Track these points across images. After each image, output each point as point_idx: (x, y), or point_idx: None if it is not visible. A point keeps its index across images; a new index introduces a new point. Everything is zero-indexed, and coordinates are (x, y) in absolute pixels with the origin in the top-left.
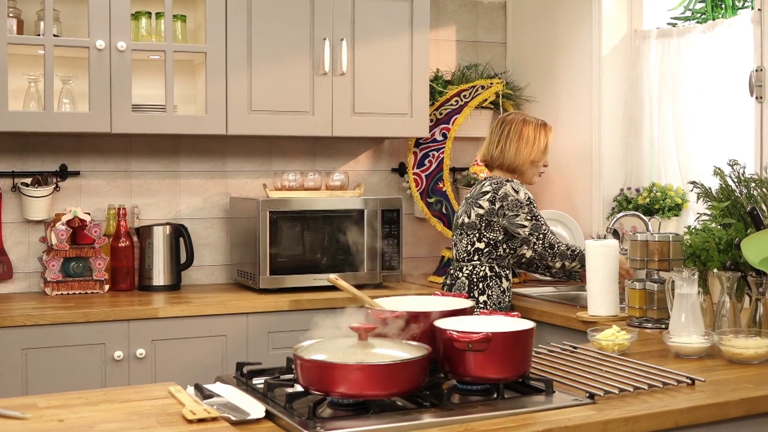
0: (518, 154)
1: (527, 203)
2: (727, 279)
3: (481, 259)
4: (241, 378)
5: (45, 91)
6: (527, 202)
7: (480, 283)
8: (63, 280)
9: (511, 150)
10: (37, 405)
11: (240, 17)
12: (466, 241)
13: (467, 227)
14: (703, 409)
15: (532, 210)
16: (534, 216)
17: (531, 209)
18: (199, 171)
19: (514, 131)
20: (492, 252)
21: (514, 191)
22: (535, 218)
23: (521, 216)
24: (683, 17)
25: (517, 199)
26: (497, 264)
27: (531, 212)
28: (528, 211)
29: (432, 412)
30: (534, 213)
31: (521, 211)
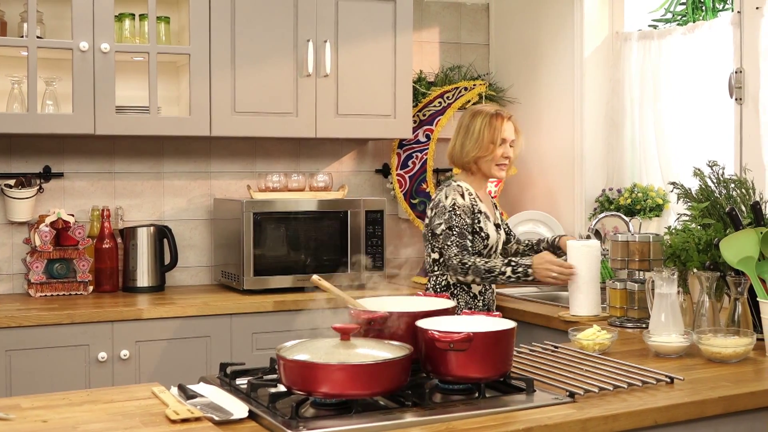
0: (462, 149)
1: (450, 209)
2: (706, 279)
3: (441, 269)
4: (225, 378)
5: (28, 92)
6: (450, 208)
7: (444, 292)
8: (47, 281)
9: (458, 146)
10: (21, 406)
11: (223, 19)
12: (426, 252)
13: (423, 238)
14: (682, 408)
15: (451, 217)
16: (449, 225)
17: (451, 217)
18: (183, 172)
19: (463, 126)
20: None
21: (445, 197)
22: (449, 227)
23: (442, 223)
24: (664, 19)
25: (444, 204)
26: None
27: (449, 221)
28: (447, 217)
29: (414, 412)
30: (450, 222)
31: (442, 217)
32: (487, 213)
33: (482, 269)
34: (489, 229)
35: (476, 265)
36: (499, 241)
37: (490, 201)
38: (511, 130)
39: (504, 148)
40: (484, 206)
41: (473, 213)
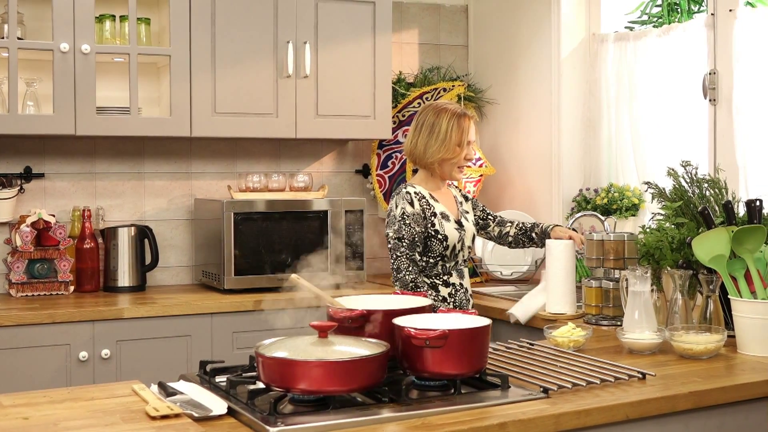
0: (426, 150)
1: (399, 219)
2: (679, 277)
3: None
4: (204, 376)
5: (9, 93)
6: (400, 218)
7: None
8: (28, 281)
9: (420, 145)
10: (2, 404)
11: (204, 20)
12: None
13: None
14: (653, 403)
15: (400, 228)
16: (398, 236)
17: (400, 227)
18: (164, 173)
19: (426, 123)
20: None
21: (395, 206)
22: (398, 238)
23: (391, 231)
24: (640, 21)
25: (394, 214)
26: (426, 275)
27: (398, 230)
28: (397, 228)
29: (390, 407)
30: (400, 232)
31: (392, 227)
32: (445, 212)
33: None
34: (447, 230)
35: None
36: (465, 236)
37: (450, 196)
38: (473, 130)
39: (468, 149)
40: (441, 206)
41: (425, 219)
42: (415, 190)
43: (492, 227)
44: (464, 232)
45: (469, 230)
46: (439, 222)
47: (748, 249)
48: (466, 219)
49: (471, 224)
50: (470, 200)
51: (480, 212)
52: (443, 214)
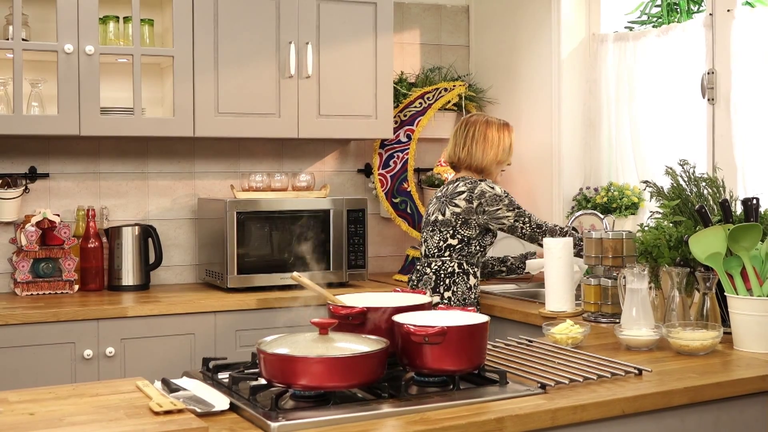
0: (485, 155)
1: (505, 195)
2: (676, 274)
3: (452, 255)
4: (207, 372)
5: (14, 94)
6: (505, 194)
7: (447, 279)
8: (33, 280)
9: (478, 152)
10: (8, 400)
11: (207, 21)
12: (438, 237)
13: (441, 224)
14: (648, 398)
15: (512, 201)
16: (515, 206)
17: (510, 200)
18: (168, 172)
19: (479, 133)
20: (464, 249)
21: (490, 188)
22: (517, 207)
23: (502, 208)
24: (640, 21)
25: (496, 194)
26: (466, 261)
27: (511, 203)
28: (508, 202)
29: (390, 403)
30: (514, 203)
31: (501, 203)
32: None
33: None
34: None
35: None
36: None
37: None
38: None
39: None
40: None
41: None
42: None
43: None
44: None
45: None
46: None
47: (744, 247)
48: None
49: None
50: None
51: None
52: None
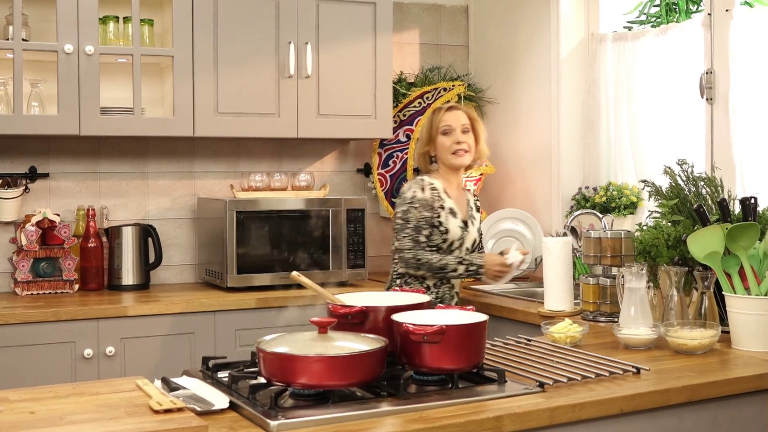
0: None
1: (408, 201)
2: (675, 274)
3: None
4: (207, 371)
5: (14, 94)
6: (409, 200)
7: (397, 279)
8: (33, 280)
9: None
10: (9, 398)
11: (206, 21)
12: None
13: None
14: (646, 396)
15: (409, 210)
16: (405, 218)
17: (408, 208)
18: (167, 172)
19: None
20: None
21: (408, 188)
22: (405, 220)
23: (399, 212)
24: (638, 21)
25: (405, 196)
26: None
27: (406, 211)
28: (405, 209)
29: (389, 401)
30: (407, 214)
31: (401, 208)
32: (453, 209)
33: (435, 266)
34: (450, 225)
35: (430, 261)
36: (467, 238)
37: (464, 199)
38: (456, 117)
39: (452, 136)
40: (451, 202)
41: (432, 207)
42: (430, 181)
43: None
44: (467, 234)
45: (473, 234)
46: (445, 216)
47: (742, 246)
48: (473, 223)
49: (476, 230)
50: (479, 214)
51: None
52: (451, 210)
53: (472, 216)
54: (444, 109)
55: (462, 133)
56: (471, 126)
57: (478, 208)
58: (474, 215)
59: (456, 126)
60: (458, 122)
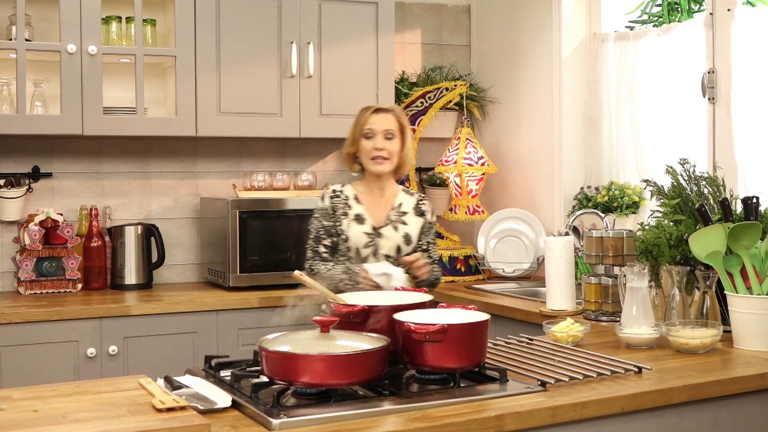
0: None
1: (318, 209)
2: (677, 273)
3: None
4: (210, 370)
5: (17, 94)
6: (318, 210)
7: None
8: (36, 279)
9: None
10: (13, 397)
11: (209, 21)
12: None
13: None
14: (648, 395)
15: (312, 221)
16: (309, 228)
17: (312, 219)
18: (170, 172)
19: None
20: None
21: (321, 198)
22: (309, 231)
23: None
24: (640, 21)
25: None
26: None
27: (310, 222)
28: (311, 220)
29: (391, 400)
30: (310, 225)
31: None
32: (362, 215)
33: (325, 276)
34: (351, 232)
35: (320, 272)
36: (380, 244)
37: (386, 203)
38: (382, 122)
39: (373, 141)
40: (360, 208)
41: (333, 215)
42: (338, 189)
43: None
44: (379, 240)
45: (393, 241)
46: (347, 223)
47: (744, 245)
48: (394, 229)
49: (400, 236)
50: (426, 222)
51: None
52: (358, 216)
53: (397, 221)
54: (370, 111)
55: (385, 139)
56: (399, 132)
57: (423, 212)
58: (405, 220)
59: (378, 131)
60: (382, 127)
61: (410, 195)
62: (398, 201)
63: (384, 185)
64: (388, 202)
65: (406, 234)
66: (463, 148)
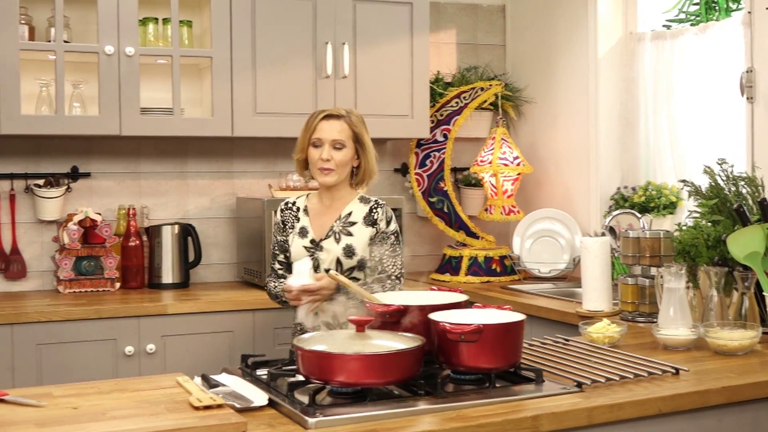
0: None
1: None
2: (715, 274)
3: None
4: (246, 369)
5: (56, 95)
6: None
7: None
8: (75, 278)
9: None
10: (53, 394)
11: (244, 22)
12: None
13: None
14: (685, 397)
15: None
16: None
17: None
18: (206, 172)
19: None
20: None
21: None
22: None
23: None
24: (677, 19)
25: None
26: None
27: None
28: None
29: (426, 400)
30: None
31: None
32: (306, 228)
33: (272, 293)
34: (293, 245)
35: (269, 288)
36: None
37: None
38: (331, 130)
39: (320, 150)
40: (306, 221)
41: (284, 229)
42: (291, 201)
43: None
44: (320, 253)
45: (331, 254)
46: (293, 236)
47: None
48: (336, 240)
49: (340, 248)
50: (379, 231)
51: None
52: (302, 230)
53: (341, 232)
54: (319, 117)
55: (333, 149)
56: (352, 140)
57: (374, 221)
58: (351, 231)
59: (326, 140)
60: (330, 136)
61: (366, 203)
62: (348, 210)
63: (335, 195)
64: (336, 213)
65: (348, 246)
66: (498, 148)
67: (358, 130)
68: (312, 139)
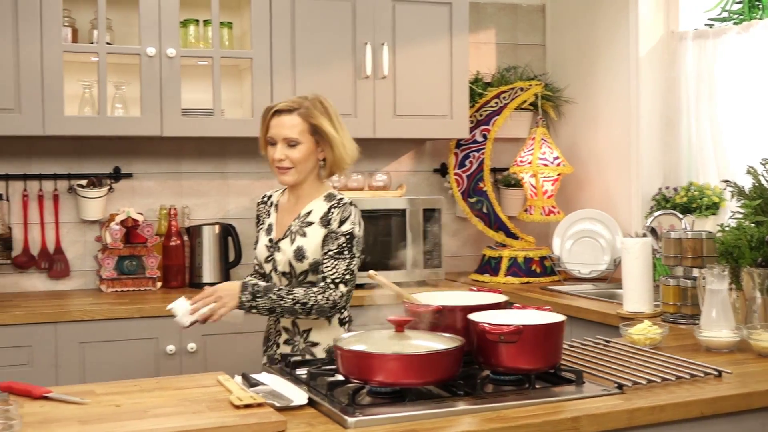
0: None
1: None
2: (758, 275)
3: None
4: (286, 368)
5: (99, 96)
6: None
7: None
8: (117, 277)
9: None
10: (95, 392)
11: (284, 24)
12: None
13: None
14: (728, 399)
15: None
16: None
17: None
18: (247, 172)
19: None
20: None
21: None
22: None
23: None
24: (720, 18)
25: None
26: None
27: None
28: None
29: (466, 400)
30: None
31: None
32: (271, 226)
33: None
34: (259, 243)
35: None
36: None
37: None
38: (282, 127)
39: (275, 149)
40: (272, 219)
41: (258, 222)
42: (267, 194)
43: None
44: (277, 254)
45: (285, 255)
46: (260, 233)
47: None
48: (291, 241)
49: (292, 250)
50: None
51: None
52: (269, 227)
53: (297, 233)
54: (270, 113)
55: (288, 147)
56: (310, 133)
57: (329, 221)
58: (306, 231)
59: (278, 138)
60: (282, 134)
61: (329, 200)
62: (308, 209)
63: (299, 193)
64: (296, 212)
65: (299, 248)
66: (538, 148)
67: (316, 120)
68: (267, 137)
